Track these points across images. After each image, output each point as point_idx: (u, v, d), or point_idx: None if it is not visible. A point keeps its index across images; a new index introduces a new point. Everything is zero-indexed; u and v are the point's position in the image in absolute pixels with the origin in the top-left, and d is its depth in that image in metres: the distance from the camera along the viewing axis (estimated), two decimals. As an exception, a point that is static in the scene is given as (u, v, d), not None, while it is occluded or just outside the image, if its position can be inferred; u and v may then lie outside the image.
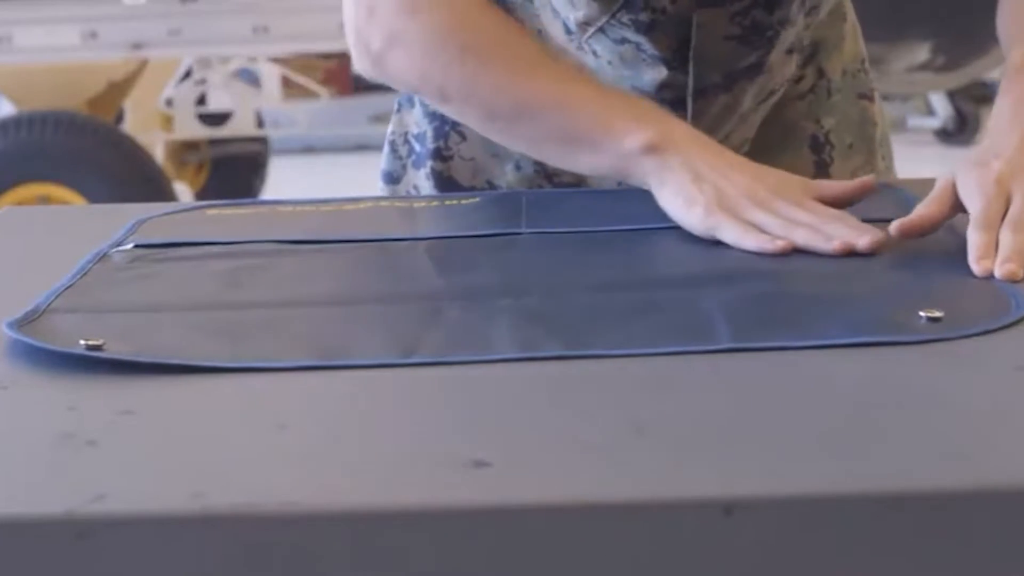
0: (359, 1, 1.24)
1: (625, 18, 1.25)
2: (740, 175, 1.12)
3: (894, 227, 1.06)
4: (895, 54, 5.32)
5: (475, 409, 0.81)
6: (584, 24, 1.27)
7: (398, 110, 1.40)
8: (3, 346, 0.90)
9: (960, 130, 7.72)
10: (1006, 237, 1.01)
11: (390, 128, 1.41)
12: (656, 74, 1.28)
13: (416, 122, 1.37)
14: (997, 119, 1.13)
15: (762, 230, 1.08)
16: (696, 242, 1.13)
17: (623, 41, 1.27)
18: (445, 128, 1.35)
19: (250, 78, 6.62)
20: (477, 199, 1.31)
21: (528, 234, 1.17)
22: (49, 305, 0.97)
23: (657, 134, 1.15)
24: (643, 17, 1.24)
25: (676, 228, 1.15)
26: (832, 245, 1.05)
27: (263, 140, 6.29)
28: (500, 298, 0.98)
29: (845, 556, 0.66)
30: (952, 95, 7.61)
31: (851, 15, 1.40)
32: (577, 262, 1.09)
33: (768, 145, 1.35)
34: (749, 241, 1.08)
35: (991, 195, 1.04)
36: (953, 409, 0.78)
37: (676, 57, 1.27)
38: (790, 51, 1.32)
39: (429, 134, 1.36)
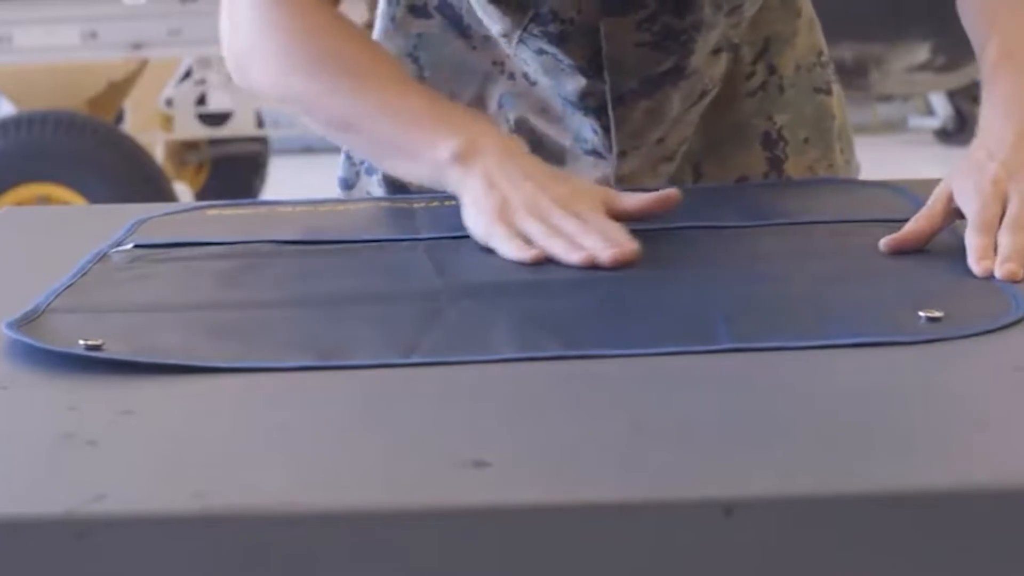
0: (228, 16, 1.28)
1: (536, 30, 1.26)
2: (530, 184, 1.11)
3: (883, 244, 1.06)
4: (895, 54, 5.33)
5: (475, 409, 0.80)
6: (504, 36, 1.29)
7: None
8: (3, 346, 0.90)
9: (960, 130, 7.72)
10: (1005, 238, 1.01)
11: None
12: (576, 83, 1.29)
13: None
14: (987, 117, 1.12)
15: (529, 239, 1.08)
16: (696, 243, 1.13)
17: (541, 52, 1.28)
18: None
19: (250, 78, 6.60)
20: None
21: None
22: (49, 305, 0.97)
23: (465, 143, 1.14)
24: (553, 28, 1.26)
25: (673, 228, 1.15)
26: (575, 257, 1.04)
27: (263, 140, 6.29)
28: (499, 298, 0.98)
29: (845, 556, 0.66)
30: (952, 95, 7.61)
31: (807, 9, 1.39)
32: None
33: (719, 144, 1.35)
34: (508, 250, 1.08)
35: (988, 197, 1.04)
36: (953, 409, 0.78)
37: (591, 66, 1.28)
38: (717, 51, 1.32)
39: None
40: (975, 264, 1.00)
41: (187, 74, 6.03)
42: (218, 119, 6.00)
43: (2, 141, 4.77)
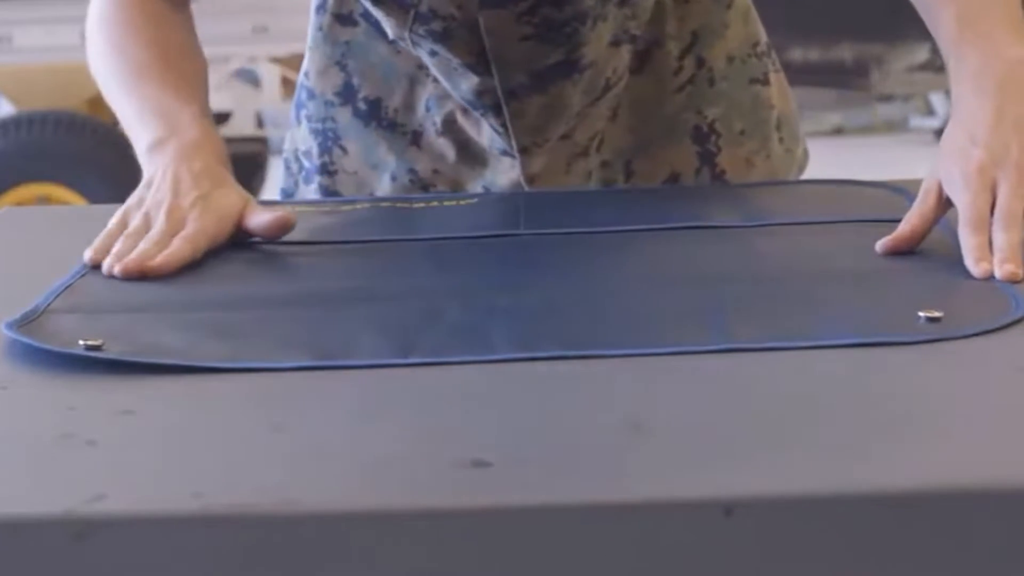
0: None
1: (421, 30, 1.27)
2: (169, 188, 1.15)
3: (879, 246, 1.06)
4: (895, 54, 5.32)
5: (475, 409, 0.80)
6: (399, 39, 1.30)
7: (290, 128, 1.43)
8: (3, 346, 0.90)
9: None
10: (999, 237, 1.01)
11: (285, 146, 1.44)
12: (469, 82, 1.29)
13: (303, 139, 1.40)
14: (961, 95, 1.10)
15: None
16: (695, 243, 1.13)
17: (433, 53, 1.29)
18: (328, 143, 1.37)
19: (250, 78, 6.61)
20: (475, 200, 1.31)
21: (527, 235, 1.17)
22: (48, 305, 0.97)
23: (160, 137, 1.19)
24: (436, 27, 1.26)
25: (673, 229, 1.15)
26: (117, 266, 1.07)
27: (263, 140, 6.28)
28: (499, 298, 0.98)
29: (845, 556, 0.66)
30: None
31: (740, 1, 1.38)
32: (576, 262, 1.09)
33: (649, 140, 1.35)
34: (87, 249, 1.11)
35: (976, 188, 1.03)
36: (953, 409, 0.78)
37: (480, 62, 1.28)
38: (616, 43, 1.30)
39: (315, 150, 1.38)
40: (973, 266, 1.00)
41: (187, 74, 6.02)
42: (218, 119, 5.98)
43: (2, 141, 4.77)
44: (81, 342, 0.88)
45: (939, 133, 7.90)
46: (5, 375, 0.87)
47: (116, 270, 1.07)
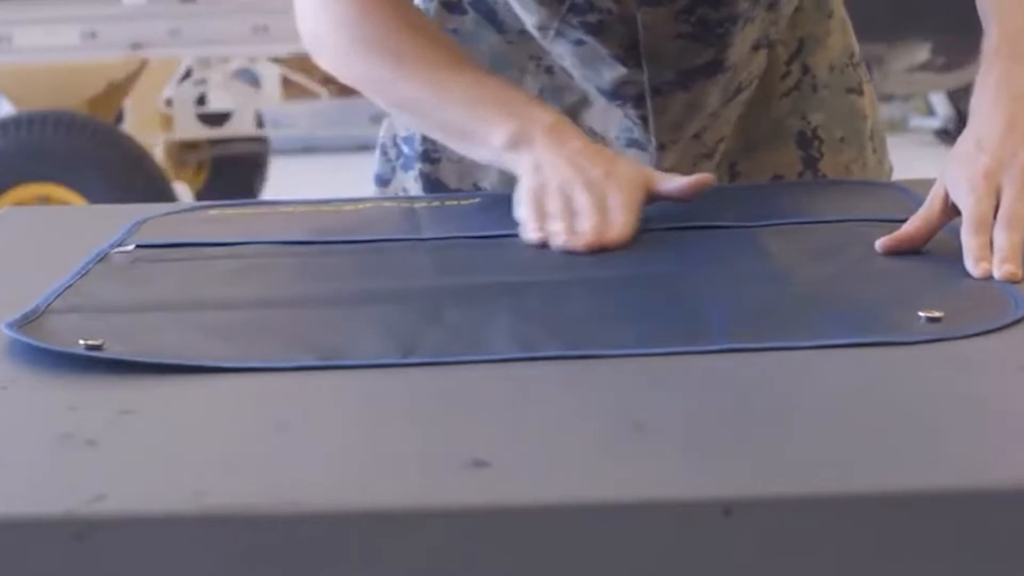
0: (297, 7, 1.31)
1: (574, 21, 1.28)
2: (569, 168, 1.16)
3: (879, 244, 1.06)
4: (895, 54, 5.32)
5: (474, 409, 0.81)
6: (540, 28, 1.30)
7: (388, 113, 1.41)
8: (3, 346, 0.90)
9: (960, 130, 7.69)
10: (1000, 238, 1.01)
11: (381, 131, 1.43)
12: (614, 72, 1.30)
13: (405, 125, 1.39)
14: (978, 103, 1.12)
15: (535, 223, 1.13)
16: (695, 243, 1.13)
17: (579, 42, 1.29)
18: None
19: (250, 78, 6.61)
20: (477, 200, 1.31)
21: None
22: (49, 305, 0.97)
23: (516, 129, 1.19)
24: (591, 19, 1.27)
25: (673, 228, 1.16)
26: (558, 241, 1.10)
27: (263, 140, 6.28)
28: (500, 298, 0.98)
29: (845, 556, 0.66)
30: (952, 95, 7.61)
31: (839, 10, 1.41)
32: (577, 263, 1.09)
33: (754, 143, 1.36)
34: (523, 232, 1.14)
35: (980, 192, 1.04)
36: (953, 409, 0.78)
37: (629, 56, 1.29)
38: (757, 47, 1.33)
39: (417, 136, 1.37)
40: (973, 266, 1.00)
41: (187, 74, 6.03)
42: (218, 119, 5.99)
43: (2, 141, 4.76)
44: (81, 342, 0.88)
45: (939, 133, 7.92)
46: (5, 375, 0.87)
47: (579, 245, 1.09)
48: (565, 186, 1.14)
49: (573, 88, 1.33)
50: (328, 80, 7.32)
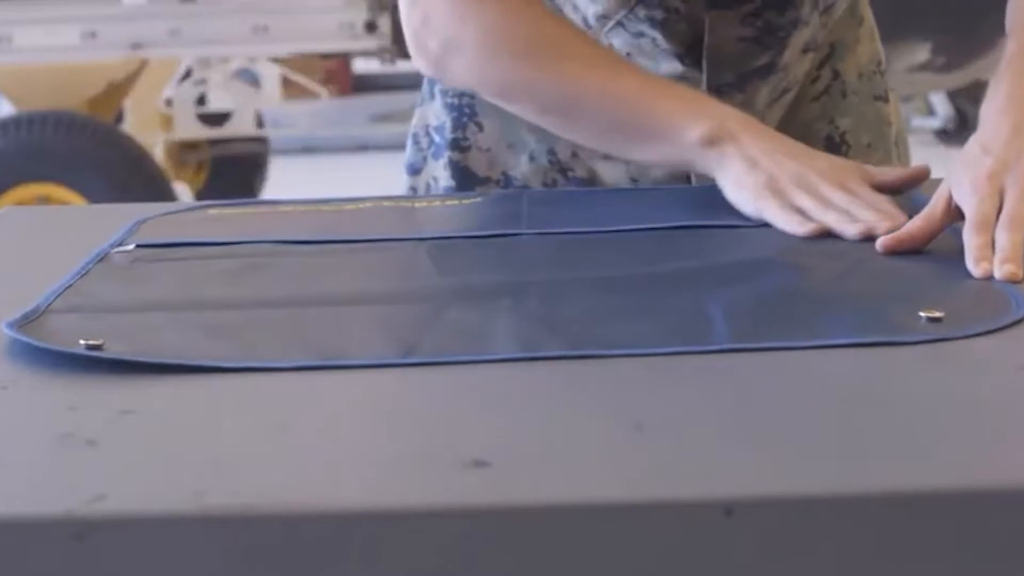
0: (413, 7, 1.28)
1: (641, 13, 1.28)
2: (791, 160, 1.16)
3: (880, 244, 1.07)
4: (895, 54, 5.32)
5: (474, 409, 0.81)
6: (603, 18, 1.30)
7: (420, 104, 1.43)
8: (3, 346, 0.90)
9: (960, 130, 7.71)
10: (1002, 238, 1.01)
11: (413, 122, 1.44)
12: (671, 68, 1.31)
13: (436, 114, 1.40)
14: (987, 111, 1.13)
15: (803, 213, 1.13)
16: (696, 242, 1.13)
17: (640, 35, 1.30)
18: (463, 119, 1.38)
19: (250, 78, 6.62)
20: (478, 199, 1.31)
21: (529, 235, 1.17)
22: (49, 305, 0.97)
23: (714, 125, 1.19)
24: (658, 14, 1.28)
25: (676, 228, 1.16)
26: (854, 228, 1.09)
27: (263, 140, 6.29)
28: (501, 298, 0.98)
29: (845, 556, 0.66)
30: (952, 95, 7.61)
31: (868, 18, 1.42)
32: (578, 262, 1.09)
33: None
34: (786, 223, 1.13)
35: (984, 193, 1.04)
36: (954, 409, 0.78)
37: (690, 54, 1.30)
38: (806, 50, 1.34)
39: (448, 125, 1.38)
40: (973, 266, 1.00)
41: (187, 74, 6.03)
42: (218, 119, 6.00)
43: (2, 141, 4.77)
44: (82, 342, 0.88)
45: (939, 133, 7.92)
46: (5, 375, 0.87)
47: (881, 230, 1.07)
48: (801, 179, 1.14)
49: None
50: (328, 80, 7.32)
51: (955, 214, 1.07)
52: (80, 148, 4.74)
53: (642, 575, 0.66)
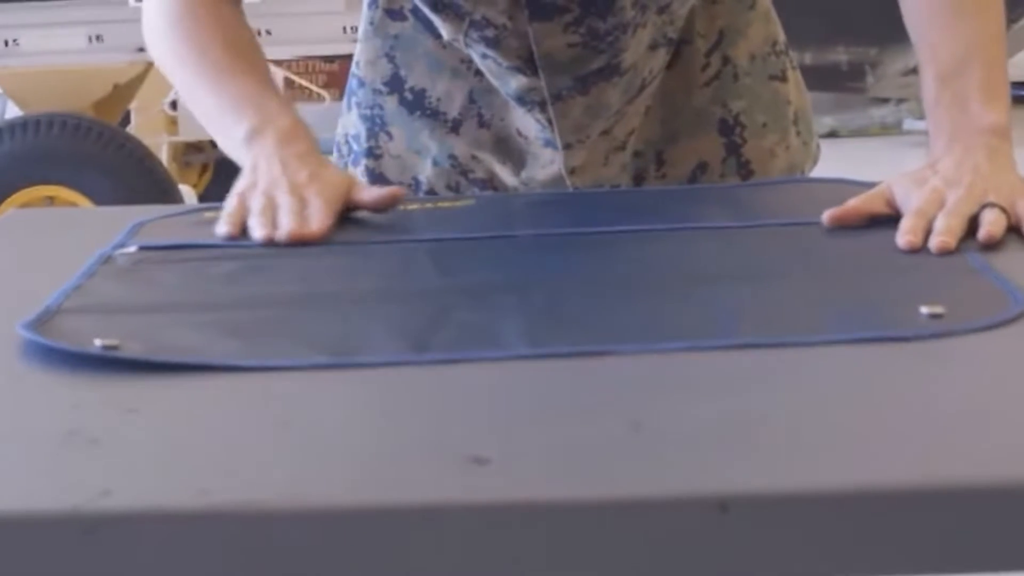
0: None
1: (475, 35, 1.34)
2: (278, 168, 1.23)
3: (825, 216, 1.13)
4: (889, 58, 5.30)
5: (475, 406, 0.81)
6: (452, 40, 1.36)
7: (341, 115, 1.50)
8: (8, 345, 0.91)
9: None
10: (940, 221, 1.08)
11: (337, 131, 1.50)
12: (517, 82, 1.35)
13: (353, 124, 1.46)
14: (934, 149, 1.20)
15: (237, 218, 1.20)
16: (698, 243, 1.13)
17: (484, 56, 1.35)
18: (375, 129, 1.44)
19: (254, 80, 6.59)
20: (471, 202, 1.33)
21: (524, 236, 1.17)
22: (60, 306, 0.98)
23: (256, 126, 1.27)
24: (488, 33, 1.33)
25: (678, 230, 1.16)
26: (258, 234, 1.16)
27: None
28: (505, 298, 0.99)
29: (842, 553, 0.66)
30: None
31: (762, 2, 1.44)
32: (576, 262, 1.09)
33: (678, 131, 1.40)
34: (219, 225, 1.19)
35: (925, 195, 1.11)
36: (954, 406, 0.78)
37: (528, 66, 1.34)
38: (654, 47, 1.36)
39: (363, 135, 1.45)
40: (899, 238, 1.06)
41: (192, 77, 6.00)
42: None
43: (8, 144, 4.76)
44: (98, 342, 0.88)
45: (934, 134, 7.86)
46: (13, 374, 0.87)
47: (279, 237, 1.15)
48: (271, 187, 1.21)
49: (498, 91, 1.38)
50: (330, 83, 7.30)
51: (887, 206, 1.14)
52: (86, 151, 4.73)
53: (639, 571, 0.66)
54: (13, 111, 5.47)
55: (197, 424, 0.79)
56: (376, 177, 1.43)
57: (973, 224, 1.09)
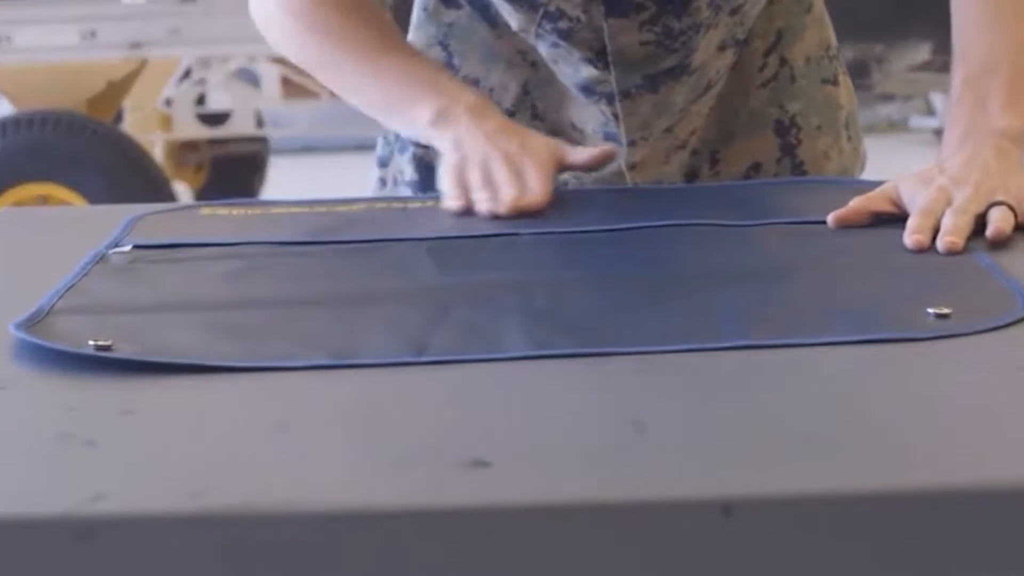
0: None
1: (548, 26, 1.34)
2: (486, 142, 1.26)
3: (830, 219, 1.14)
4: (896, 54, 5.33)
5: (475, 408, 0.81)
6: (522, 31, 1.37)
7: None
8: (3, 346, 0.90)
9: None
10: (947, 220, 1.08)
11: None
12: (588, 72, 1.36)
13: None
14: (945, 148, 1.21)
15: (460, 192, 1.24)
16: (703, 241, 1.13)
17: (555, 45, 1.35)
18: None
19: (250, 78, 6.61)
20: None
21: (527, 235, 1.17)
22: (53, 306, 0.97)
23: (440, 108, 1.29)
24: (562, 25, 1.34)
25: (683, 226, 1.16)
26: (484, 206, 1.21)
27: (263, 140, 6.28)
28: (506, 297, 0.98)
29: (844, 556, 0.66)
30: (952, 95, 7.58)
31: (817, 6, 1.46)
32: (578, 261, 1.09)
33: (733, 132, 1.41)
34: (448, 200, 1.25)
35: (932, 194, 1.12)
36: (959, 408, 0.78)
37: (599, 58, 1.35)
38: (723, 48, 1.38)
39: None
40: (907, 237, 1.07)
41: (186, 74, 6.02)
42: (218, 119, 5.99)
43: (1, 141, 4.76)
44: (91, 342, 0.88)
45: (939, 133, 7.91)
46: (5, 375, 0.87)
47: (502, 210, 1.20)
48: (484, 160, 1.24)
49: (556, 83, 1.39)
50: (328, 80, 7.31)
51: (893, 206, 1.14)
52: (80, 148, 4.74)
53: (641, 574, 0.66)
54: (6, 108, 5.47)
55: (193, 426, 0.79)
56: (423, 166, 1.42)
57: (981, 223, 1.09)
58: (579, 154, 1.28)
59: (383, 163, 1.48)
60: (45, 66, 5.24)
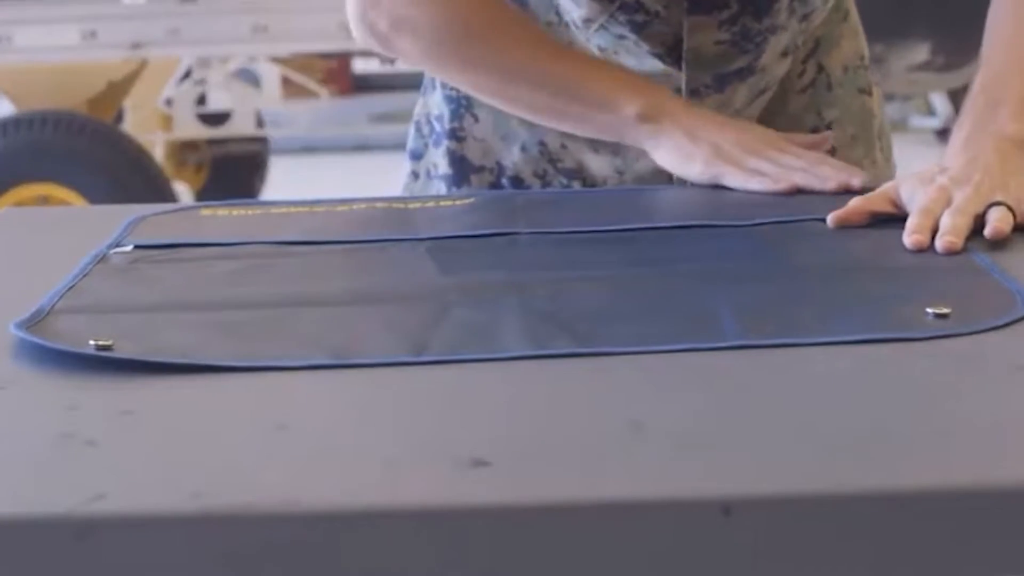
0: None
1: (622, 18, 1.33)
2: (730, 130, 1.28)
3: (830, 219, 1.14)
4: (895, 54, 5.32)
5: (474, 408, 0.81)
6: (588, 21, 1.35)
7: (423, 93, 1.48)
8: (4, 346, 0.90)
9: (960, 130, 7.67)
10: (946, 220, 1.08)
11: (416, 110, 1.49)
12: (653, 66, 1.35)
13: (437, 104, 1.45)
14: (952, 142, 1.21)
15: (762, 176, 1.24)
16: (703, 241, 1.13)
17: (622, 37, 1.34)
18: (460, 110, 1.43)
19: (250, 78, 6.61)
20: (472, 200, 1.32)
21: (527, 234, 1.17)
22: (54, 306, 0.98)
23: (650, 102, 1.29)
24: (638, 18, 1.33)
25: (676, 227, 1.16)
26: (829, 185, 1.23)
27: (263, 140, 6.28)
28: (507, 296, 0.98)
29: (844, 556, 0.66)
30: (952, 95, 7.60)
31: (853, 15, 1.47)
32: (578, 261, 1.09)
33: None
34: (754, 184, 1.24)
35: (932, 194, 1.11)
36: (958, 408, 0.78)
37: (670, 55, 1.35)
38: (785, 53, 1.39)
39: (447, 115, 1.44)
40: (906, 237, 1.07)
41: (187, 74, 6.03)
42: (218, 119, 5.99)
43: (2, 141, 4.76)
44: (92, 342, 0.88)
45: (939, 133, 7.91)
46: (6, 375, 0.87)
47: (856, 183, 1.22)
48: (745, 145, 1.25)
49: None
50: (328, 80, 7.32)
51: (892, 206, 1.14)
52: (80, 148, 4.73)
53: (640, 574, 0.66)
54: (6, 108, 5.47)
55: (193, 426, 0.79)
56: (458, 160, 1.42)
57: (980, 223, 1.09)
58: (802, 141, 1.29)
59: (416, 156, 1.47)
60: (45, 66, 5.24)
